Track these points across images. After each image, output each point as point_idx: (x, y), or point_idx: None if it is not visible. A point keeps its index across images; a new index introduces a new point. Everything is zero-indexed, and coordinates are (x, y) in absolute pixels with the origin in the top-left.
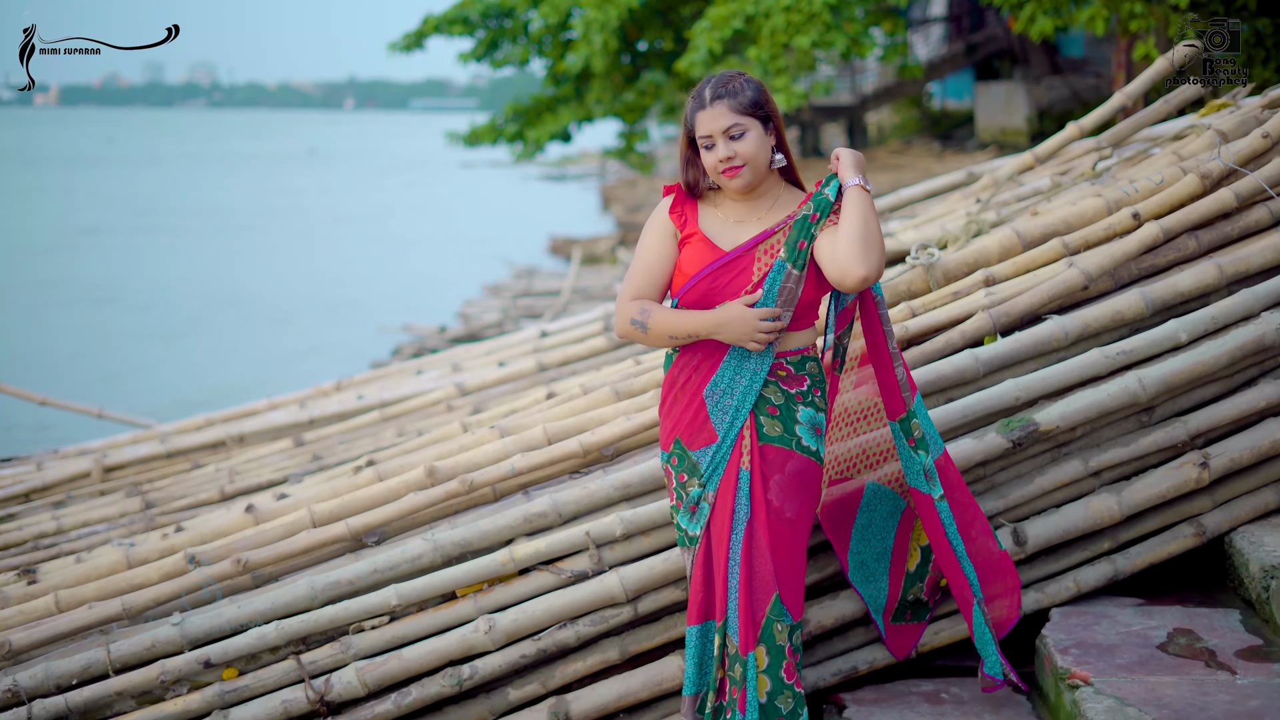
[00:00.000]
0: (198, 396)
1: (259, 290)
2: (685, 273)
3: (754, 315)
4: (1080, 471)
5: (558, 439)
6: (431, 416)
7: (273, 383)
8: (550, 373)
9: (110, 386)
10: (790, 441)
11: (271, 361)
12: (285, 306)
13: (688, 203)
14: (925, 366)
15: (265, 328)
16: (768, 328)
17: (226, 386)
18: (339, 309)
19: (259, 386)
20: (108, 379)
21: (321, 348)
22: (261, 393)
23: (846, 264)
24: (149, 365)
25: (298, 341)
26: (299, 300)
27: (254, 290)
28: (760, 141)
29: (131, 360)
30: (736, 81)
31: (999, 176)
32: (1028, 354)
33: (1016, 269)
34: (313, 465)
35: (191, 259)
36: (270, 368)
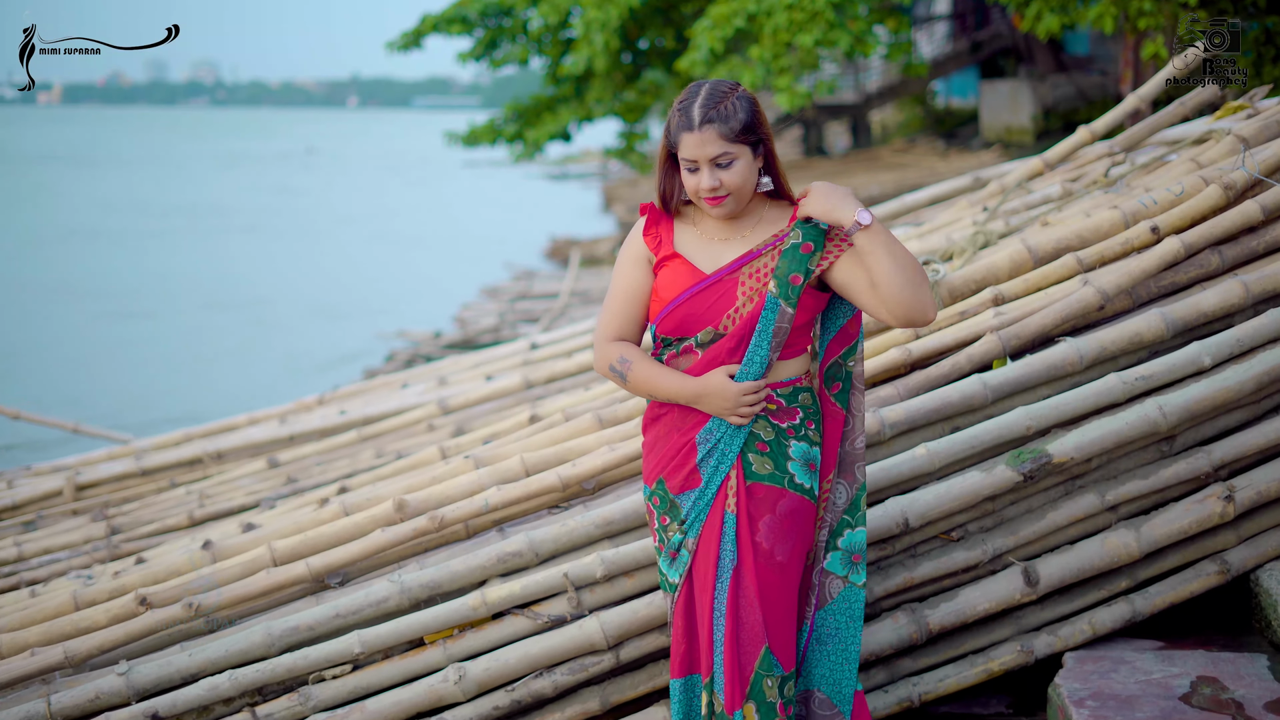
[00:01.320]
0: (184, 405)
1: (250, 294)
2: (663, 297)
3: (736, 390)
4: (1096, 506)
5: (536, 470)
6: (412, 436)
7: (261, 391)
8: (536, 390)
9: (93, 395)
10: (782, 479)
11: (261, 368)
12: (277, 311)
13: (663, 221)
14: (930, 393)
15: (256, 333)
16: (751, 402)
17: (214, 395)
18: (332, 313)
19: (247, 394)
20: (90, 387)
21: (314, 353)
22: (249, 402)
23: (909, 312)
24: (133, 372)
25: (290, 347)
26: (291, 304)
27: (245, 294)
28: (748, 170)
29: (115, 367)
30: (728, 102)
31: (1007, 183)
32: (1039, 379)
33: (1027, 287)
34: (286, 488)
35: (180, 261)
36: (260, 374)
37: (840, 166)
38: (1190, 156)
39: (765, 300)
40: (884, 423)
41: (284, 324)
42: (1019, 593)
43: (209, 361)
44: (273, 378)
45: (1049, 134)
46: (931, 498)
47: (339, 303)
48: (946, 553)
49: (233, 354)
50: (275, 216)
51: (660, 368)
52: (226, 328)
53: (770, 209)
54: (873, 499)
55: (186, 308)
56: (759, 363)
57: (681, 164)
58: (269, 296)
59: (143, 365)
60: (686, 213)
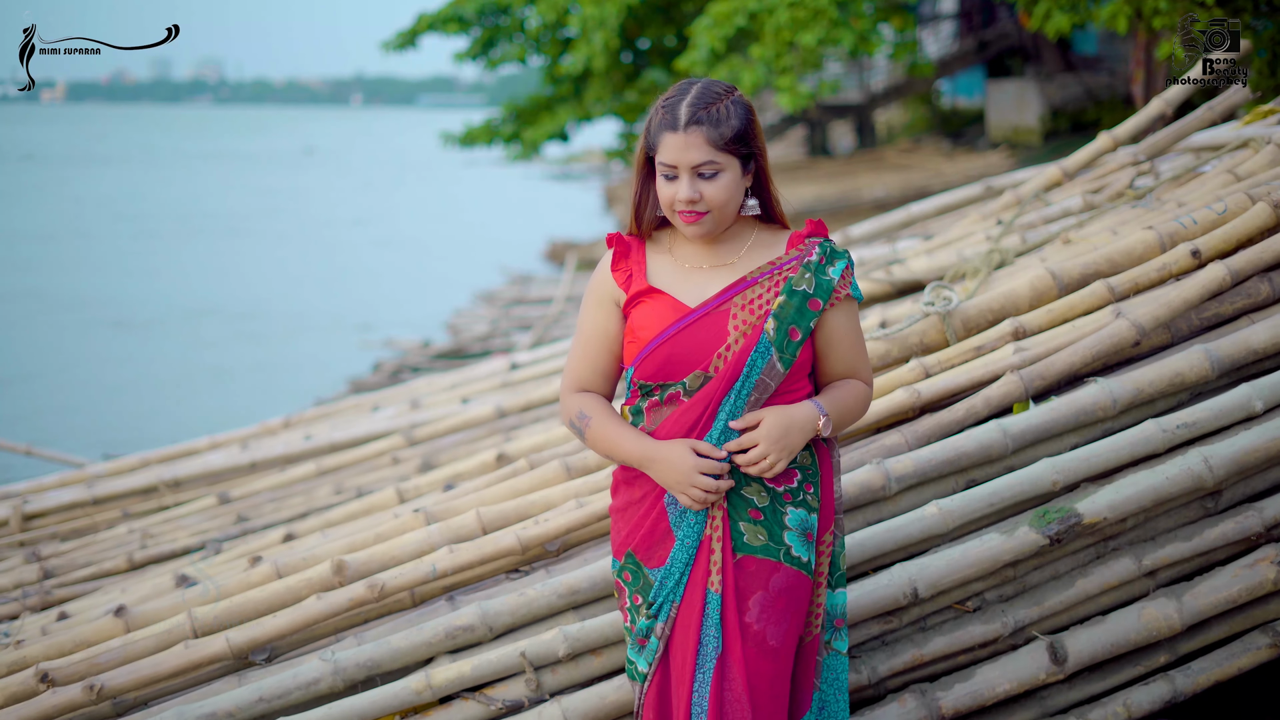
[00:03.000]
0: (157, 422)
1: (233, 301)
2: (640, 337)
3: (692, 464)
4: (1132, 571)
5: (494, 527)
6: (375, 470)
7: (239, 404)
8: (510, 419)
9: (59, 411)
10: (777, 552)
11: (241, 380)
12: (261, 319)
13: (634, 251)
14: (942, 442)
15: (237, 342)
16: (709, 485)
17: (189, 410)
18: (320, 320)
19: (224, 409)
20: (57, 403)
21: (299, 364)
22: (225, 417)
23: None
24: (104, 386)
25: (273, 357)
26: (276, 311)
27: (228, 301)
28: (734, 186)
29: (85, 381)
30: (722, 104)
31: (1022, 194)
32: (1067, 426)
33: (1052, 318)
34: (235, 528)
35: (161, 267)
36: (239, 387)
37: (844, 167)
38: (1227, 168)
39: (759, 339)
40: (889, 476)
41: (268, 333)
42: (1044, 671)
43: (187, 374)
44: (253, 390)
45: (1056, 134)
46: (944, 564)
47: (327, 310)
48: (961, 626)
49: (212, 366)
50: (265, 219)
51: (620, 425)
52: (206, 338)
53: (762, 233)
54: (878, 564)
55: (165, 316)
56: (731, 414)
57: (658, 169)
58: (253, 303)
59: (115, 379)
60: (661, 238)
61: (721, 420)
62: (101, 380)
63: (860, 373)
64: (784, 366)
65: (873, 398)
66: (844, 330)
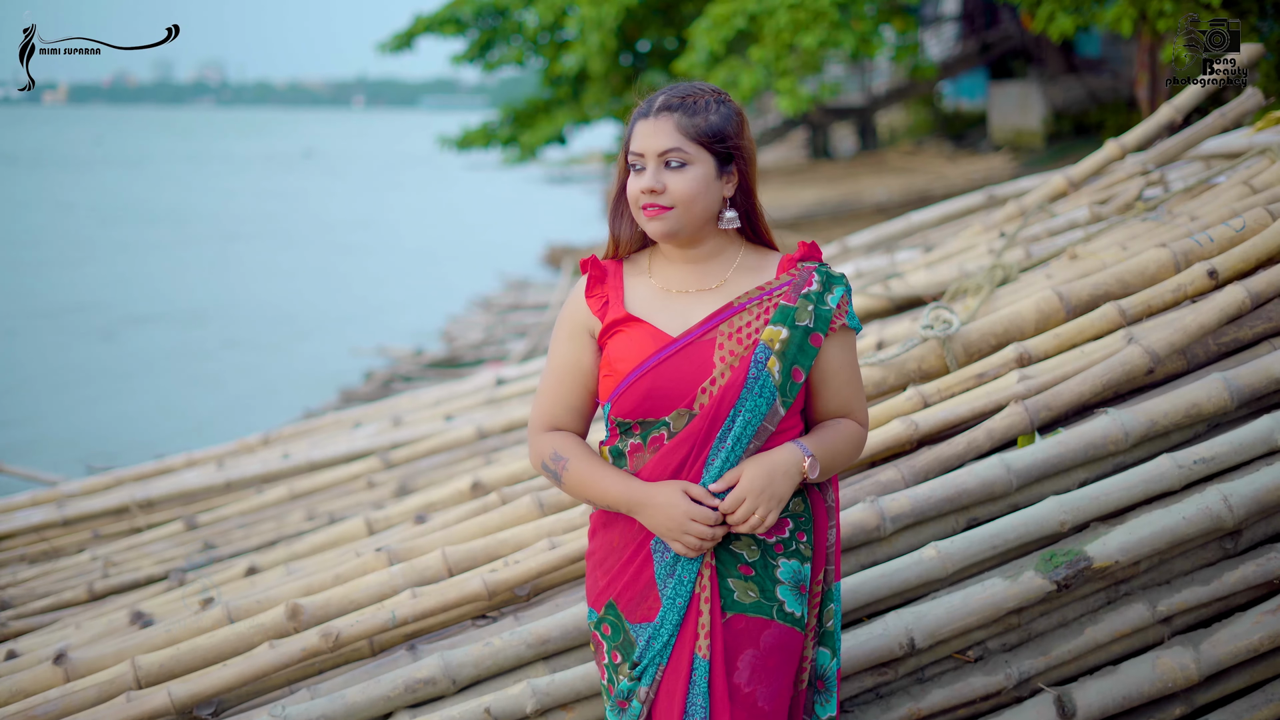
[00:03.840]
0: (145, 434)
1: (229, 307)
2: (618, 370)
3: (685, 512)
4: (1145, 618)
5: (460, 569)
6: (349, 494)
7: (228, 415)
8: (491, 441)
9: (41, 423)
10: (770, 609)
11: (231, 391)
12: (253, 326)
13: (611, 275)
14: (941, 478)
15: (228, 351)
16: (703, 534)
17: (177, 421)
18: (313, 327)
19: (212, 420)
20: (38, 414)
21: (290, 372)
22: (212, 428)
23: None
24: (89, 397)
25: (264, 366)
26: (271, 318)
27: (224, 307)
28: (704, 183)
29: (70, 392)
30: (703, 98)
31: (1026, 205)
32: (1075, 461)
33: (1059, 343)
34: (201, 556)
35: (151, 273)
36: (228, 398)
37: (846, 170)
38: (1242, 179)
39: (749, 372)
40: (884, 515)
41: (258, 341)
42: None
43: (176, 384)
44: (242, 401)
45: (1059, 137)
46: (943, 611)
47: (320, 316)
48: (962, 677)
49: (201, 375)
50: (259, 223)
51: (602, 466)
52: (196, 346)
53: (749, 254)
54: (871, 611)
55: (153, 324)
56: (728, 461)
57: (629, 162)
58: (244, 310)
59: (101, 389)
60: (640, 260)
61: (716, 467)
62: (87, 391)
63: (854, 411)
64: (785, 410)
65: (868, 435)
66: (839, 364)
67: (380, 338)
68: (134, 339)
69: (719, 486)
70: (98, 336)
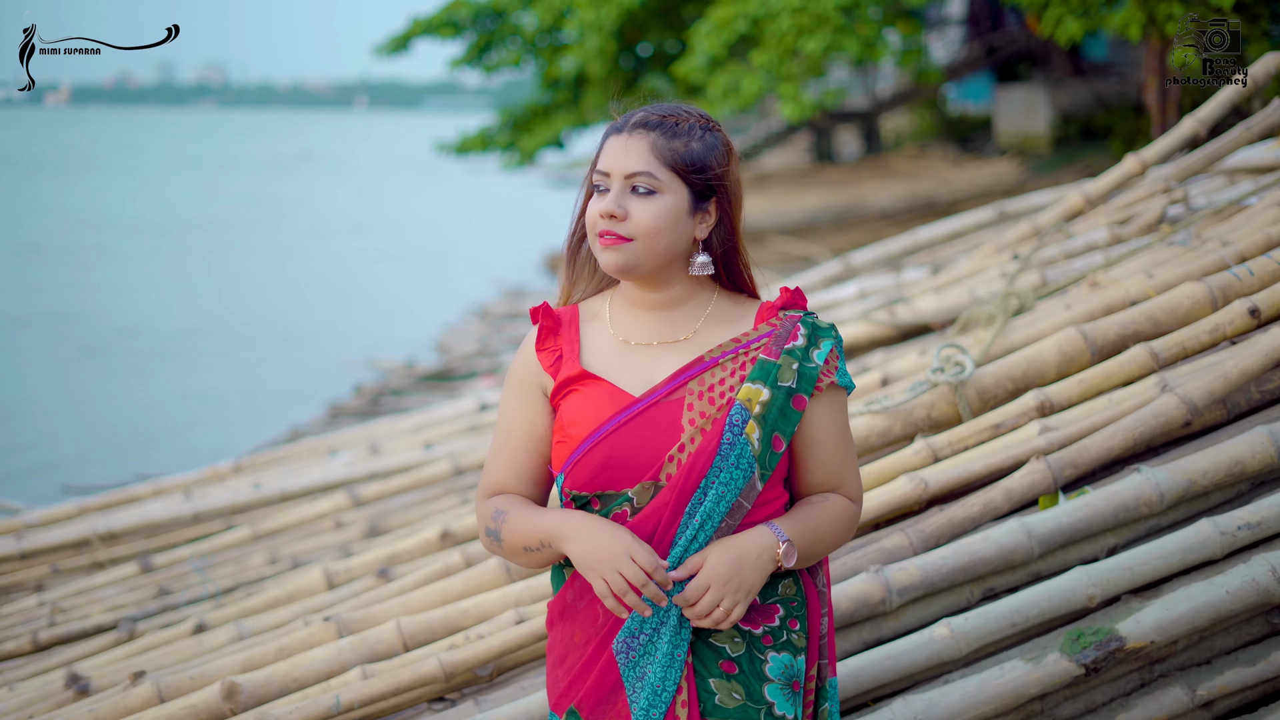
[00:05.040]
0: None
1: (220, 317)
2: (571, 435)
3: (627, 547)
4: (1184, 703)
5: (416, 643)
6: (316, 535)
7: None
8: (468, 477)
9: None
10: (757, 712)
11: (219, 403)
12: (244, 336)
13: (565, 326)
14: (954, 543)
15: (218, 362)
16: (637, 578)
17: (155, 439)
18: (305, 336)
19: (194, 437)
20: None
21: (278, 385)
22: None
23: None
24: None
25: (253, 379)
26: (261, 328)
27: (214, 317)
28: (673, 217)
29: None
30: (687, 121)
31: (1040, 224)
32: (1104, 525)
33: (1084, 390)
34: (155, 603)
35: (137, 283)
36: (213, 413)
37: (850, 174)
38: (1276, 200)
39: (723, 438)
40: (890, 587)
41: (247, 353)
42: None
43: (158, 400)
44: (230, 415)
45: (1066, 141)
46: (958, 698)
47: (312, 326)
48: None
49: (188, 390)
50: (252, 229)
51: (537, 511)
52: (182, 359)
53: (722, 301)
54: (875, 696)
55: (138, 337)
56: (695, 541)
57: (593, 182)
58: (235, 320)
59: (82, 405)
60: (597, 307)
61: (679, 550)
62: (66, 407)
63: (845, 484)
64: (763, 484)
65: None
66: (827, 428)
67: (373, 348)
68: (117, 351)
69: (679, 574)
70: (80, 350)
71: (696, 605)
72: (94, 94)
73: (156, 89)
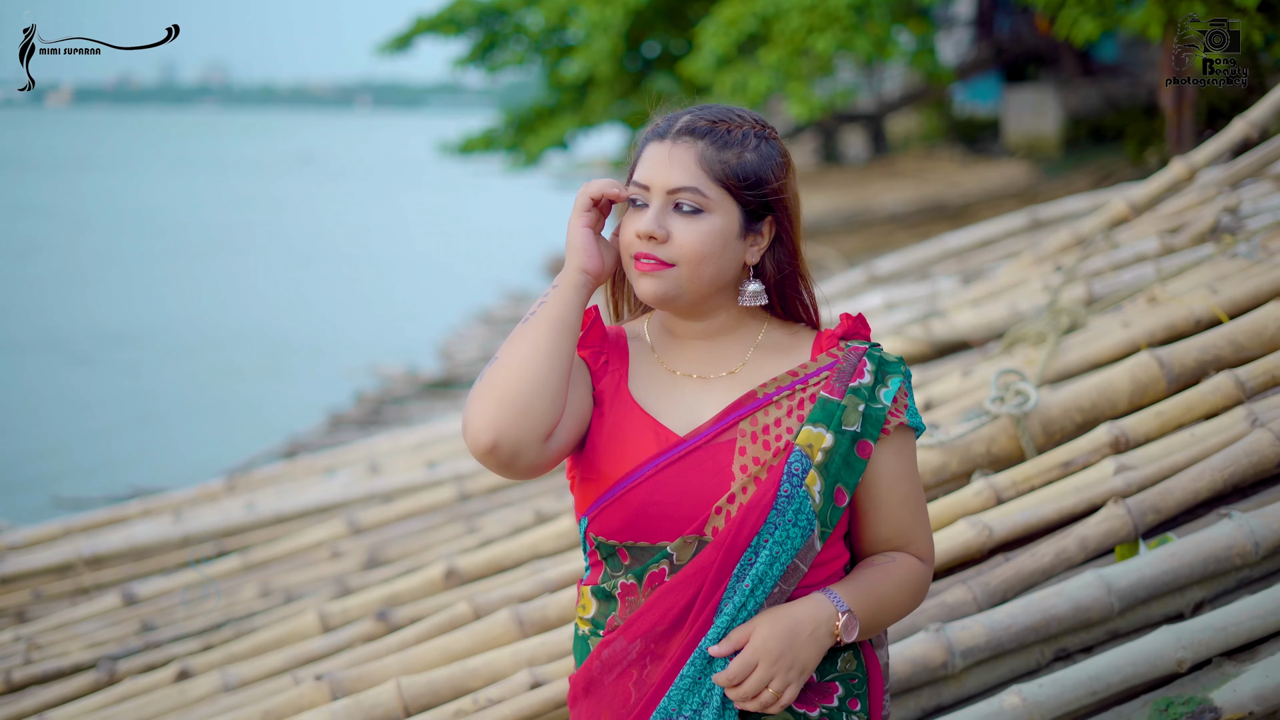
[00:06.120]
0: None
1: (213, 325)
2: (603, 473)
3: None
4: None
5: (418, 706)
6: (310, 566)
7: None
8: (474, 504)
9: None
10: None
11: (216, 413)
12: (244, 342)
13: (614, 341)
14: (1023, 598)
15: (213, 371)
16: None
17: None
18: (305, 342)
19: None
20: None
21: (277, 394)
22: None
23: None
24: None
25: (250, 387)
26: (261, 334)
27: (207, 325)
28: (722, 241)
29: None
30: (741, 127)
31: (1083, 233)
32: (1192, 577)
33: (1162, 423)
34: (137, 640)
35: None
36: (213, 421)
37: (858, 176)
38: None
39: (779, 489)
40: (952, 648)
41: (245, 360)
42: None
43: (155, 411)
44: (229, 425)
45: (1076, 143)
46: None
47: (313, 332)
48: None
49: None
50: (250, 232)
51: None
52: (181, 367)
53: (775, 329)
54: None
55: (135, 344)
56: (745, 609)
57: (630, 193)
58: (232, 328)
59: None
60: (634, 329)
61: (724, 619)
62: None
63: (914, 541)
64: (822, 544)
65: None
66: (894, 476)
67: (375, 353)
68: (114, 358)
69: (723, 650)
70: (76, 357)
71: (742, 685)
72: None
73: (158, 90)
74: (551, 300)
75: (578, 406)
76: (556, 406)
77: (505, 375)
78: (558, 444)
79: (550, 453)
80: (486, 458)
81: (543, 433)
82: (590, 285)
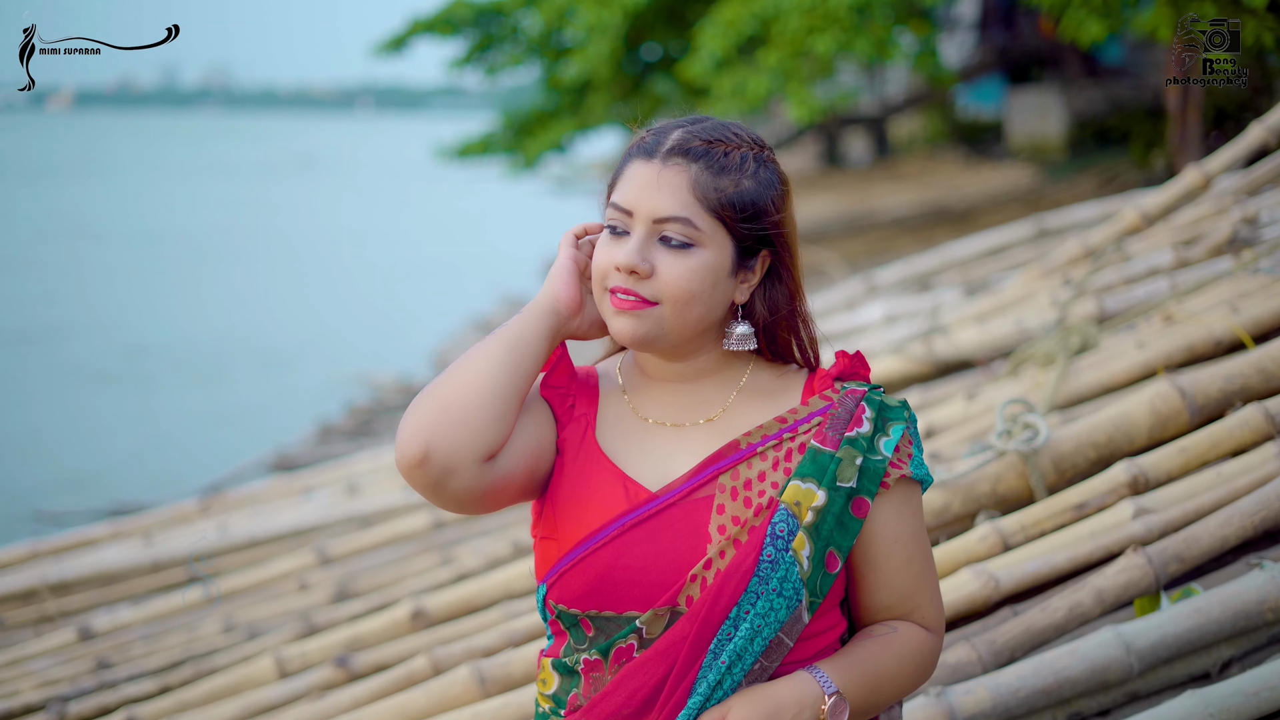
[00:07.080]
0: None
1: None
2: (564, 532)
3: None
4: None
5: None
6: (276, 599)
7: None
8: (450, 532)
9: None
10: None
11: (199, 422)
12: (232, 349)
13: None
14: (1033, 658)
15: (203, 378)
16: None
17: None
18: (297, 351)
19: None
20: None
21: (266, 403)
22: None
23: None
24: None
25: (240, 397)
26: (251, 341)
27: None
28: (711, 279)
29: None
30: (739, 149)
31: (1093, 244)
32: (1220, 634)
33: (1185, 460)
34: (92, 680)
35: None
36: (202, 431)
37: (860, 179)
38: None
39: (762, 553)
40: (954, 715)
41: (233, 368)
42: None
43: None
44: (211, 435)
45: (1081, 145)
46: None
47: (305, 341)
48: None
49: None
50: (245, 237)
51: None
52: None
53: (761, 369)
54: None
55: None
56: (720, 688)
57: (607, 219)
58: (226, 335)
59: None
60: (610, 370)
61: (697, 699)
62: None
63: (919, 608)
64: (810, 615)
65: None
66: (894, 534)
67: (369, 361)
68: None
69: None
70: (59, 371)
71: None
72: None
73: (159, 93)
74: (514, 320)
75: (532, 436)
76: (501, 425)
77: (448, 384)
78: (500, 471)
79: (489, 479)
80: (414, 472)
81: (481, 451)
82: (560, 314)
